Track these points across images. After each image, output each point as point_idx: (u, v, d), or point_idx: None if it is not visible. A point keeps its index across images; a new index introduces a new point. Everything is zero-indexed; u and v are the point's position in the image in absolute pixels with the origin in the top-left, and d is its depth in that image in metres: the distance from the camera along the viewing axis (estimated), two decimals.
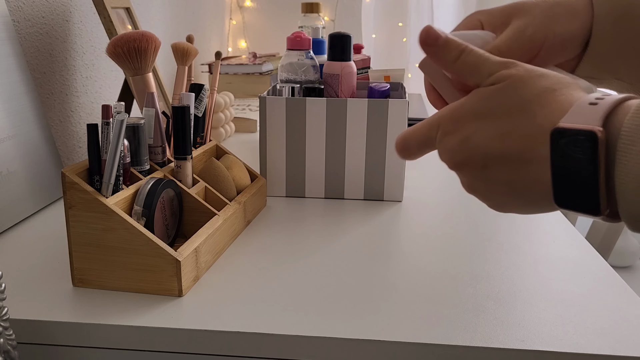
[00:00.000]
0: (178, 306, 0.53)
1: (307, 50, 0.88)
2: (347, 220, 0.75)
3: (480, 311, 0.52)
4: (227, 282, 0.58)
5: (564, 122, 0.35)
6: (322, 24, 1.32)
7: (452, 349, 0.47)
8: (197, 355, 0.50)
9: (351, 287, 0.57)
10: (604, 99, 0.35)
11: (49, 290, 0.55)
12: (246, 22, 2.14)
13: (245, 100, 1.60)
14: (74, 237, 0.54)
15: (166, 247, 0.53)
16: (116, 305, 0.53)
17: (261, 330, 0.49)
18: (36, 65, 0.85)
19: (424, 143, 0.43)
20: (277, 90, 0.87)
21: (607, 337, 0.48)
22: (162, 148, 0.66)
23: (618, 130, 0.33)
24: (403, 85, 0.97)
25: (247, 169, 0.78)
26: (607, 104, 0.34)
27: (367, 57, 1.37)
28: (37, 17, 0.85)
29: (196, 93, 0.74)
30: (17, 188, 0.72)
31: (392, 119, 0.79)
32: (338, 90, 0.83)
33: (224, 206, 0.67)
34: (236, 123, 1.26)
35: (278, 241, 0.68)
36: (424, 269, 0.61)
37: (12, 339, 0.45)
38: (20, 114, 0.75)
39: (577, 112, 0.35)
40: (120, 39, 0.65)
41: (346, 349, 0.48)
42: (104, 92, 1.07)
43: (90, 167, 0.55)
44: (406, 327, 0.50)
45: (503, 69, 0.39)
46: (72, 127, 0.95)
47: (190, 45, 0.75)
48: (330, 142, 0.80)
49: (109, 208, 0.53)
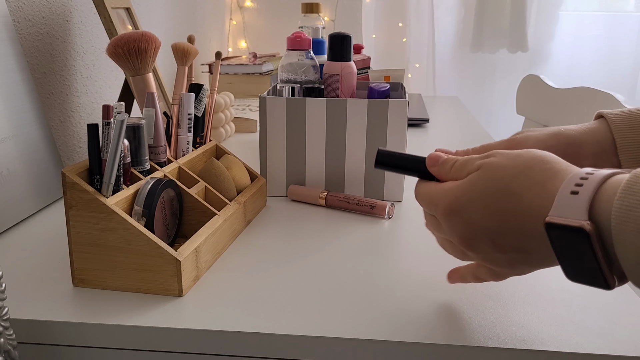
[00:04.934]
0: (178, 306, 0.53)
1: (307, 50, 0.88)
2: (347, 220, 0.75)
3: (480, 311, 0.52)
4: (227, 282, 0.58)
5: (552, 217, 0.37)
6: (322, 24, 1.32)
7: (452, 349, 0.47)
8: (197, 355, 0.50)
9: (351, 286, 0.57)
10: (583, 184, 0.37)
11: (49, 290, 0.55)
12: (246, 22, 2.14)
13: (245, 101, 1.60)
14: (74, 237, 0.54)
15: (166, 247, 0.53)
16: (116, 305, 0.53)
17: (261, 330, 0.49)
18: (36, 66, 0.85)
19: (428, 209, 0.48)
20: (277, 90, 0.87)
21: (607, 337, 0.48)
22: (162, 148, 0.66)
23: (607, 214, 0.35)
24: (403, 85, 0.97)
25: (247, 169, 0.78)
26: (588, 192, 0.36)
27: (367, 57, 1.37)
28: (37, 18, 0.85)
29: (196, 93, 0.74)
30: (17, 188, 0.72)
31: (392, 119, 0.79)
32: (338, 91, 0.83)
33: (224, 206, 0.67)
34: (236, 123, 1.26)
35: (278, 241, 0.68)
36: (423, 268, 0.61)
37: (12, 338, 0.45)
38: (20, 114, 0.75)
39: (562, 204, 0.37)
40: (120, 39, 0.65)
41: (346, 349, 0.48)
42: (104, 92, 1.07)
43: (90, 167, 0.55)
44: (406, 327, 0.50)
45: (484, 158, 0.44)
46: (72, 127, 0.95)
47: (190, 46, 0.75)
48: (330, 142, 0.80)
49: (109, 208, 0.53)
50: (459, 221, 0.44)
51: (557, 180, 0.39)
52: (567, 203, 0.36)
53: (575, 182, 0.37)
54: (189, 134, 0.73)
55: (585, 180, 0.37)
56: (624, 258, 0.34)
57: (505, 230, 0.41)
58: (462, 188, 0.44)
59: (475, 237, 0.43)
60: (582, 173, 0.37)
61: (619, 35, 2.09)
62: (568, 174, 0.39)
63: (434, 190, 0.47)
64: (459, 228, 0.44)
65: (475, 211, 0.42)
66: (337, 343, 0.48)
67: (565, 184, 0.37)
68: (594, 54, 2.10)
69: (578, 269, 0.37)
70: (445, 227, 0.46)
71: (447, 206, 0.44)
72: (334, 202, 0.78)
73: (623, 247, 0.34)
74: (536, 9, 2.08)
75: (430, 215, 0.49)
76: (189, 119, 0.72)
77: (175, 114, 0.73)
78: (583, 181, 0.37)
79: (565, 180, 0.38)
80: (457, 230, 0.44)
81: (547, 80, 1.41)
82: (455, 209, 0.44)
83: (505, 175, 0.42)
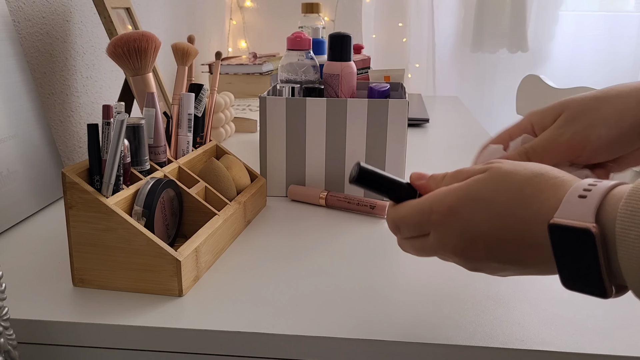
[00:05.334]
0: (178, 306, 0.53)
1: (307, 50, 0.88)
2: (347, 220, 0.75)
3: (480, 311, 0.52)
4: (227, 282, 0.58)
5: (558, 218, 0.37)
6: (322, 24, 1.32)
7: (452, 349, 0.47)
8: (197, 355, 0.50)
9: (351, 286, 0.57)
10: (591, 190, 0.36)
11: (49, 290, 0.55)
12: (246, 22, 2.14)
13: (245, 101, 1.60)
14: (74, 237, 0.54)
15: (166, 247, 0.53)
16: (116, 305, 0.53)
17: (261, 330, 0.49)
18: (36, 66, 0.85)
19: (415, 228, 0.45)
20: (277, 90, 0.87)
21: (607, 337, 0.48)
22: (162, 148, 0.66)
23: (612, 219, 0.35)
24: (403, 85, 0.97)
25: (247, 169, 0.78)
26: (596, 196, 0.36)
27: (367, 57, 1.37)
28: (37, 18, 0.85)
29: (196, 93, 0.74)
30: (17, 188, 0.72)
31: (392, 119, 0.79)
32: (338, 91, 0.83)
33: (224, 206, 0.67)
34: (236, 123, 1.26)
35: (278, 241, 0.68)
36: (424, 268, 0.61)
37: (12, 338, 0.45)
38: (20, 114, 0.75)
39: (569, 206, 0.37)
40: (120, 39, 0.65)
41: (346, 349, 0.48)
42: (104, 92, 1.07)
43: (90, 167, 0.55)
44: (406, 327, 0.50)
45: (489, 165, 0.43)
46: (72, 127, 0.95)
47: (190, 46, 0.75)
48: (330, 142, 0.80)
49: (109, 208, 0.53)
50: (458, 224, 0.42)
51: (567, 186, 0.38)
52: (575, 206, 0.36)
53: (584, 188, 0.37)
54: (189, 134, 0.73)
55: (594, 187, 0.37)
56: (626, 266, 0.34)
57: (507, 238, 0.40)
58: (465, 189, 0.42)
59: (471, 243, 0.41)
60: (590, 181, 0.38)
61: (619, 35, 2.09)
62: (576, 182, 0.38)
63: (423, 200, 0.44)
64: (456, 232, 0.42)
65: (479, 214, 0.41)
66: (337, 343, 0.48)
67: (573, 189, 0.37)
68: (594, 54, 2.10)
69: (577, 274, 0.37)
70: (437, 234, 0.43)
71: (447, 208, 0.42)
72: (334, 202, 0.78)
73: (626, 251, 0.34)
74: (536, 9, 2.08)
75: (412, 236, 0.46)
76: (189, 119, 0.72)
77: (175, 114, 0.73)
78: (592, 187, 0.37)
79: (572, 186, 0.38)
80: (452, 234, 0.42)
81: (547, 80, 1.41)
82: (455, 210, 0.42)
83: (517, 180, 0.40)
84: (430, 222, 0.43)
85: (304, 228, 0.72)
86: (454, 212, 0.42)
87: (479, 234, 0.41)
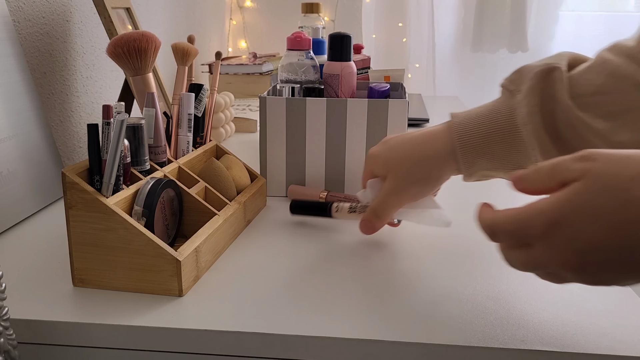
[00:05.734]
0: (178, 306, 0.53)
1: (307, 50, 0.88)
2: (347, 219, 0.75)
3: (480, 311, 0.52)
4: (227, 282, 0.58)
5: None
6: (322, 24, 1.32)
7: (452, 349, 0.47)
8: (197, 355, 0.50)
9: (351, 286, 0.57)
10: None
11: (49, 290, 0.55)
12: (246, 22, 2.14)
13: (245, 101, 1.60)
14: (74, 237, 0.54)
15: (166, 247, 0.53)
16: (116, 305, 0.53)
17: (261, 330, 0.49)
18: (36, 66, 0.85)
19: (513, 237, 0.42)
20: (277, 90, 0.87)
21: (607, 337, 0.48)
22: (162, 148, 0.66)
23: None
24: (403, 85, 0.97)
25: (247, 169, 0.78)
26: None
27: (367, 57, 1.37)
28: (37, 17, 0.85)
29: (196, 93, 0.74)
30: (17, 188, 0.72)
31: (392, 119, 0.79)
32: (338, 91, 0.83)
33: (224, 206, 0.67)
34: (236, 123, 1.26)
35: (278, 241, 0.68)
36: (423, 268, 0.61)
37: (12, 338, 0.45)
38: (20, 114, 0.75)
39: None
40: (120, 39, 0.65)
41: (346, 349, 0.48)
42: (104, 92, 1.07)
43: (90, 167, 0.55)
44: (406, 327, 0.50)
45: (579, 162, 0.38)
46: (72, 127, 0.95)
47: (190, 46, 0.75)
48: (330, 142, 0.80)
49: (109, 208, 0.53)
50: (564, 238, 0.38)
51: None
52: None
53: None
54: (189, 134, 0.73)
55: None
56: None
57: (622, 247, 0.36)
58: (562, 201, 0.38)
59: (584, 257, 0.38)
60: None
61: (619, 35, 2.06)
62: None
63: (521, 211, 0.40)
64: (562, 246, 0.38)
65: (587, 227, 0.37)
66: (337, 343, 0.48)
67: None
68: (594, 54, 2.10)
69: None
70: (543, 250, 0.39)
71: (548, 222, 0.38)
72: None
73: None
74: (536, 9, 2.08)
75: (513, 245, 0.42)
76: (189, 119, 0.72)
77: (175, 114, 0.73)
78: None
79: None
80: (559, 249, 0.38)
81: None
82: (557, 224, 0.37)
83: (621, 182, 0.36)
84: (530, 235, 0.40)
85: (304, 228, 0.72)
86: (556, 226, 0.38)
87: (592, 248, 0.37)
